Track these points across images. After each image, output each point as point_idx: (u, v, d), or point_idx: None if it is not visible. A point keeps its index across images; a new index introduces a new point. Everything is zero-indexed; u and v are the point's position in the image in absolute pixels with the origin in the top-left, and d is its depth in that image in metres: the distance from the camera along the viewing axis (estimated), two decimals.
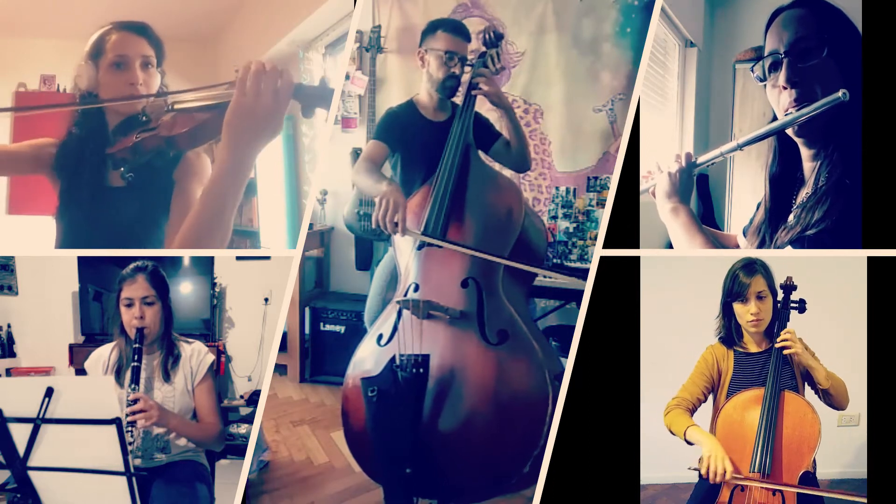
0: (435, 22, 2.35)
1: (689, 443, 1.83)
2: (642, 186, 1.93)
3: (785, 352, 1.82)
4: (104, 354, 2.02)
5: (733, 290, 1.89)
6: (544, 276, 2.71)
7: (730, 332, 1.92)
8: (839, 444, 2.17)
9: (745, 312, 1.88)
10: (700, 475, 1.77)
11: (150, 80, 1.93)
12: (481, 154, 2.34)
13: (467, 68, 2.30)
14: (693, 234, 1.76)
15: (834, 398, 1.84)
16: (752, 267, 1.87)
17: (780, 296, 1.89)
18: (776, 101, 1.61)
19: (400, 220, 2.02)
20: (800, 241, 1.58)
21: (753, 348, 1.91)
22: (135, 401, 1.82)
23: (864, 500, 1.84)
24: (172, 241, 1.81)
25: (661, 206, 1.80)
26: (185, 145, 1.74)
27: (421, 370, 1.95)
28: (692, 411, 1.90)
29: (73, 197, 1.91)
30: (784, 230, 1.63)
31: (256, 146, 1.48)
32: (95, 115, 1.90)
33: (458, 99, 2.35)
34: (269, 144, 1.69)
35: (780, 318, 1.88)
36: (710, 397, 1.94)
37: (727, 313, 1.92)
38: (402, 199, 2.05)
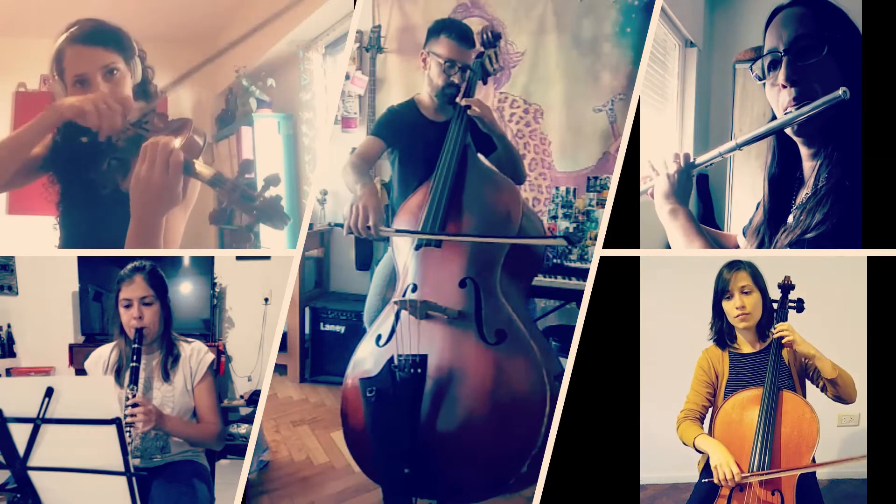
0: (440, 24, 2.32)
1: (699, 451, 1.86)
2: (641, 188, 1.93)
3: (783, 341, 1.83)
4: (104, 354, 2.02)
5: (719, 289, 1.92)
6: (546, 268, 2.71)
7: (721, 333, 1.93)
8: (839, 444, 2.17)
9: (731, 308, 1.89)
10: (712, 483, 1.79)
11: (117, 87, 1.86)
12: (480, 155, 2.33)
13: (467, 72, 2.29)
14: (692, 236, 1.75)
15: (841, 388, 1.83)
16: (735, 264, 1.90)
17: (777, 295, 1.90)
18: (775, 100, 1.60)
19: (373, 225, 2.05)
20: (799, 244, 1.58)
21: (747, 349, 1.91)
22: (133, 405, 1.82)
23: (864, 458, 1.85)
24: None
25: (659, 208, 1.80)
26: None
27: (419, 370, 1.95)
28: (702, 419, 1.92)
29: (73, 201, 1.90)
30: (783, 232, 1.63)
31: (157, 211, 1.66)
32: (82, 129, 1.84)
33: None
34: (269, 144, 1.74)
35: (777, 317, 1.89)
36: None
37: (718, 314, 1.94)
38: (373, 201, 2.07)
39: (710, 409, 1.93)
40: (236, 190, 1.71)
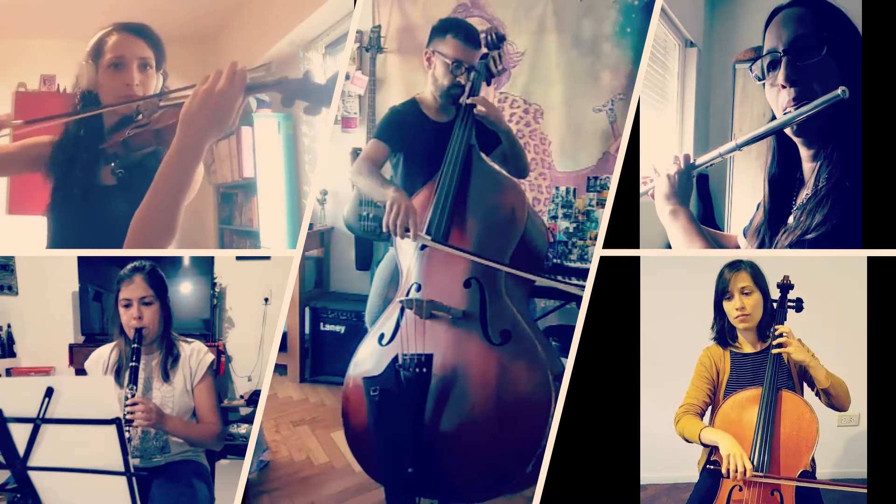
0: (446, 23, 2.31)
1: (704, 445, 1.85)
2: (642, 189, 1.93)
3: (781, 350, 1.83)
4: (104, 354, 2.02)
5: (720, 289, 1.93)
6: (549, 277, 2.71)
7: (723, 333, 1.94)
8: (839, 444, 2.18)
9: (731, 309, 1.90)
10: (709, 473, 1.79)
11: (148, 82, 1.95)
12: (484, 155, 2.33)
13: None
14: (692, 236, 1.76)
15: (834, 398, 1.84)
16: (736, 264, 1.91)
17: (777, 295, 1.90)
18: (775, 100, 1.60)
19: (412, 226, 2.03)
20: (799, 245, 1.58)
21: (748, 349, 1.91)
22: (133, 403, 1.82)
23: (864, 490, 1.85)
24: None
25: (660, 209, 1.80)
26: (170, 138, 1.79)
27: (424, 370, 1.95)
28: (702, 415, 1.92)
29: (64, 195, 1.92)
30: (784, 233, 1.63)
31: (206, 134, 1.62)
32: (94, 115, 1.92)
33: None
34: (269, 144, 1.75)
35: (776, 317, 1.89)
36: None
37: (719, 313, 1.95)
38: (412, 204, 2.06)
39: (710, 407, 1.93)
40: (303, 83, 1.76)
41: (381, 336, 2.11)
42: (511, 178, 2.27)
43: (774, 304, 1.91)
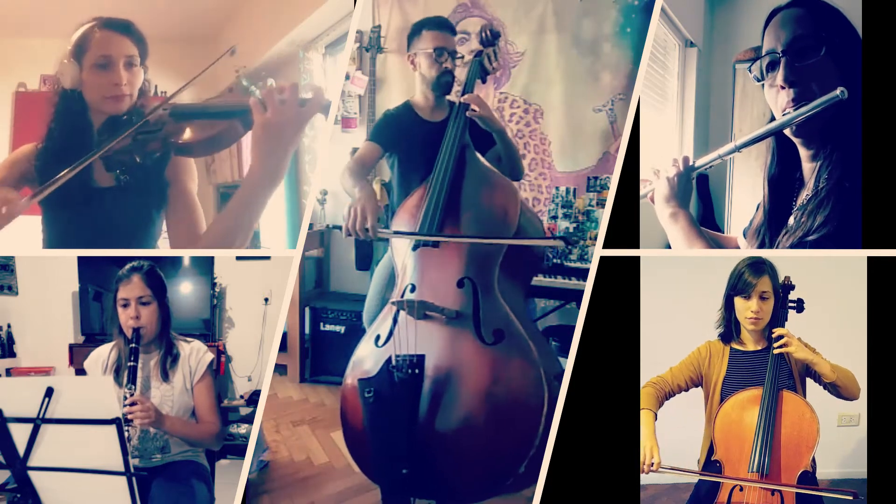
0: (418, 24, 2.37)
1: None
2: (641, 190, 1.93)
3: (783, 349, 1.83)
4: (103, 354, 2.02)
5: (737, 286, 1.90)
6: (546, 268, 2.70)
7: (729, 327, 1.93)
8: (839, 444, 2.18)
9: (745, 309, 1.88)
10: (712, 482, 1.81)
11: (134, 80, 1.93)
12: (479, 154, 2.33)
13: (458, 61, 2.31)
14: (692, 238, 1.76)
15: (842, 388, 1.84)
16: (760, 266, 1.88)
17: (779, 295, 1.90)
18: (774, 100, 1.61)
19: (370, 226, 2.06)
20: (801, 247, 1.58)
21: (750, 346, 1.91)
22: (132, 403, 1.82)
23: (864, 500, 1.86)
24: (184, 238, 1.92)
25: (660, 211, 1.80)
26: (200, 153, 1.91)
27: (416, 371, 1.95)
28: (667, 395, 1.94)
29: (57, 198, 1.89)
30: (785, 234, 1.63)
31: (287, 157, 1.74)
32: (79, 114, 1.89)
33: (455, 97, 2.35)
34: None
35: (777, 317, 1.89)
36: (704, 398, 1.95)
37: (728, 306, 1.93)
38: (371, 204, 2.09)
39: (706, 410, 1.93)
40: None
41: (378, 337, 2.11)
42: (505, 178, 2.27)
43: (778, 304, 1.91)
